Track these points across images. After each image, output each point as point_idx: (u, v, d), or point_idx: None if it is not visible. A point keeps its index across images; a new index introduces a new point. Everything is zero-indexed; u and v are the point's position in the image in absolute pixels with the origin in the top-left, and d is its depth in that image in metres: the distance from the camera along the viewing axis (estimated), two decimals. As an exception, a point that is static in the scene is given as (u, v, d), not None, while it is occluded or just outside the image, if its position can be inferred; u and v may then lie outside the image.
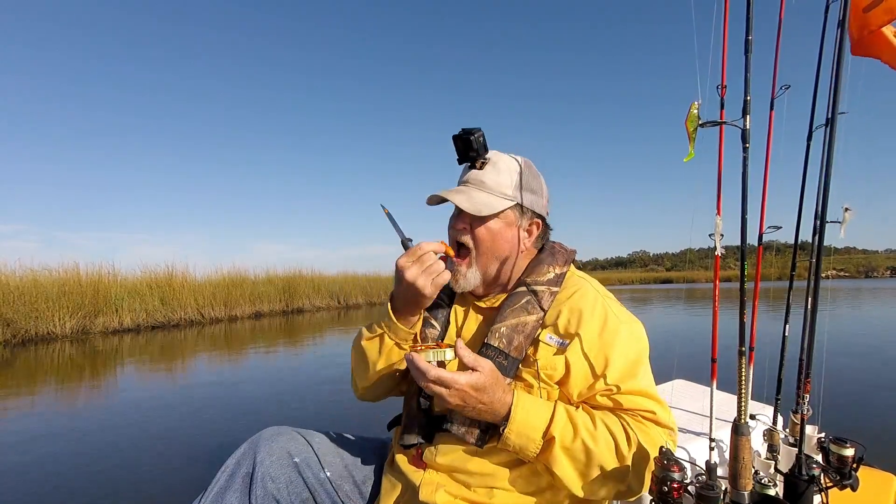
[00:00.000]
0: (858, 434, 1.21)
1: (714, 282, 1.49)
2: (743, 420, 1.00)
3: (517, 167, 1.01)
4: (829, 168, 1.12)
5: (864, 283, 27.32)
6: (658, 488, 0.84)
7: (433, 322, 1.05)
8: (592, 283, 1.01)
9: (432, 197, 1.02)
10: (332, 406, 4.17)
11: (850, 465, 1.17)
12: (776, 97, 1.67)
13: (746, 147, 1.08)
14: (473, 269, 0.99)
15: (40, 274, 10.02)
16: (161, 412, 4.11)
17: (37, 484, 2.63)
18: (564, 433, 0.83)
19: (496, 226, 0.98)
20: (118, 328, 10.33)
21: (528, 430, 0.82)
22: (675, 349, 6.45)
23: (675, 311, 13.11)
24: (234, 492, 0.93)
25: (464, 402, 0.80)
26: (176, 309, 11.67)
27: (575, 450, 0.82)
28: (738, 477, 0.95)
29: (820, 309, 1.19)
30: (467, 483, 0.91)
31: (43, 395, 4.92)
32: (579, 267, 1.09)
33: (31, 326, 8.92)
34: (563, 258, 1.03)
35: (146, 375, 5.91)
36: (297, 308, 15.27)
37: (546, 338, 0.92)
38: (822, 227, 1.20)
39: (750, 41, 1.11)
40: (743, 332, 1.01)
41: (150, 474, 2.77)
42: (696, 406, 1.71)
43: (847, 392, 4.05)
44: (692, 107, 1.25)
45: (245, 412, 4.06)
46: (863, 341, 6.98)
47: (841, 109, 1.28)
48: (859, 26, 1.39)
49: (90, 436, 3.51)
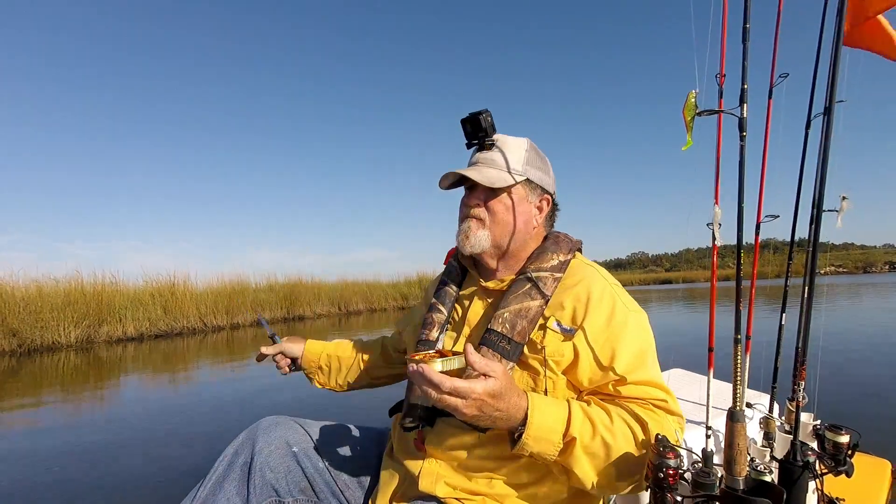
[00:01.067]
0: (853, 421, 1.22)
1: (712, 271, 1.50)
2: (738, 407, 1.01)
3: (525, 144, 1.03)
4: (827, 156, 1.12)
5: (862, 279, 27.26)
6: (654, 475, 0.84)
7: (440, 307, 1.06)
8: (600, 270, 1.01)
9: (445, 178, 1.03)
10: (330, 396, 4.20)
11: (845, 452, 1.18)
12: (775, 86, 1.67)
13: (744, 135, 1.08)
14: (485, 232, 1.00)
15: (45, 283, 10.00)
16: (164, 418, 4.13)
17: (42, 485, 2.66)
18: (583, 431, 0.80)
19: (508, 200, 1.00)
20: (122, 337, 10.35)
21: (546, 432, 0.79)
22: (674, 339, 6.47)
23: (673, 309, 13.14)
24: (232, 481, 0.93)
25: (480, 412, 0.74)
26: (178, 318, 11.64)
27: (595, 447, 0.80)
28: (733, 463, 0.96)
29: (816, 305, 1.19)
30: (467, 471, 0.91)
31: (49, 403, 4.93)
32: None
33: (36, 336, 8.90)
34: (568, 247, 1.03)
35: (150, 383, 5.91)
36: (299, 315, 15.25)
37: (553, 325, 0.91)
38: (819, 216, 1.20)
39: (747, 29, 1.11)
40: (739, 321, 1.02)
41: (150, 470, 2.79)
42: (693, 395, 1.72)
43: (843, 380, 4.08)
44: (689, 95, 1.25)
45: (250, 413, 4.08)
46: (860, 330, 7.02)
47: (840, 98, 1.28)
48: (855, 15, 1.39)
49: (93, 438, 3.54)
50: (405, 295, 19.83)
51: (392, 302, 19.29)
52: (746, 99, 1.08)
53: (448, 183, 1.05)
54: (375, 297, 18.81)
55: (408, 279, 20.85)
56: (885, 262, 44.95)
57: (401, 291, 19.91)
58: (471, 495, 0.90)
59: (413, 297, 19.71)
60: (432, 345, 1.02)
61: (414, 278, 20.90)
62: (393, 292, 19.67)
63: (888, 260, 45.83)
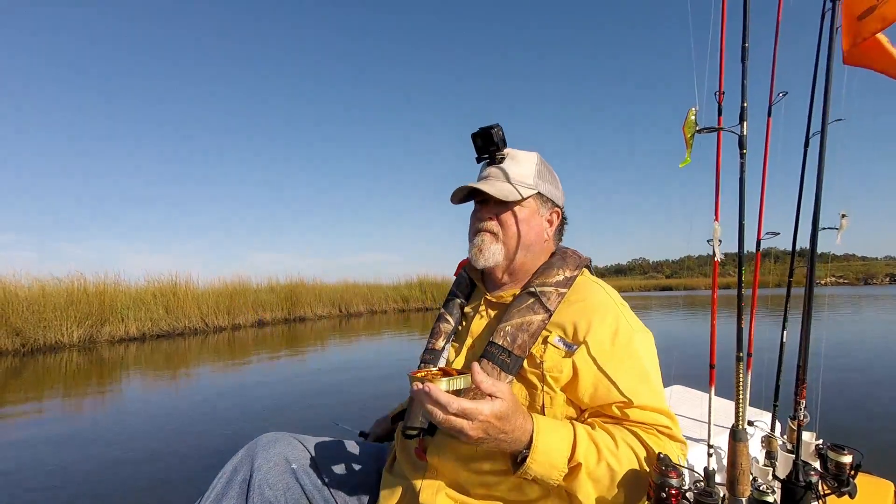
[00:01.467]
0: (856, 441, 1.21)
1: (713, 288, 1.49)
2: (741, 426, 1.00)
3: (535, 158, 1.05)
4: (821, 177, 1.13)
5: (863, 290, 27.29)
6: (656, 495, 0.83)
7: (448, 317, 1.08)
8: (606, 288, 1.00)
9: (457, 193, 1.04)
10: (331, 411, 4.16)
11: (847, 472, 1.17)
12: (774, 104, 1.68)
13: (743, 153, 1.09)
14: (499, 245, 1.01)
15: (48, 283, 10.12)
16: (165, 420, 4.13)
17: (40, 490, 2.63)
18: (588, 457, 0.78)
19: (521, 213, 1.01)
20: (124, 337, 10.44)
21: (552, 457, 0.77)
22: (674, 355, 6.44)
23: (674, 318, 13.11)
24: (230, 498, 0.93)
25: (486, 434, 0.72)
26: (180, 318, 11.74)
27: (599, 473, 0.79)
28: (736, 483, 0.95)
29: (818, 316, 1.19)
30: (469, 484, 0.90)
31: (52, 402, 4.94)
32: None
33: (39, 336, 9.01)
34: (575, 263, 1.03)
35: (151, 384, 5.92)
36: (299, 316, 15.32)
37: (555, 340, 0.91)
38: (815, 235, 1.21)
39: (746, 48, 1.12)
40: (741, 338, 1.02)
41: (150, 479, 2.76)
42: (695, 412, 1.71)
43: (845, 398, 4.05)
44: (689, 112, 1.26)
45: (250, 418, 4.05)
46: (861, 346, 6.98)
47: (838, 116, 1.29)
48: (853, 34, 1.40)
49: (93, 443, 3.51)
50: (406, 297, 19.88)
51: (392, 304, 19.35)
52: (746, 117, 1.09)
53: (460, 196, 1.06)
54: (376, 299, 18.88)
55: (409, 282, 20.92)
56: (885, 275, 45.00)
57: (401, 294, 19.95)
58: None
59: (413, 300, 19.82)
60: (437, 354, 1.03)
61: (415, 281, 20.95)
62: (394, 294, 19.73)
63: (889, 272, 45.86)
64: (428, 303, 20.08)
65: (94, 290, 10.44)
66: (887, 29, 1.49)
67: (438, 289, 20.68)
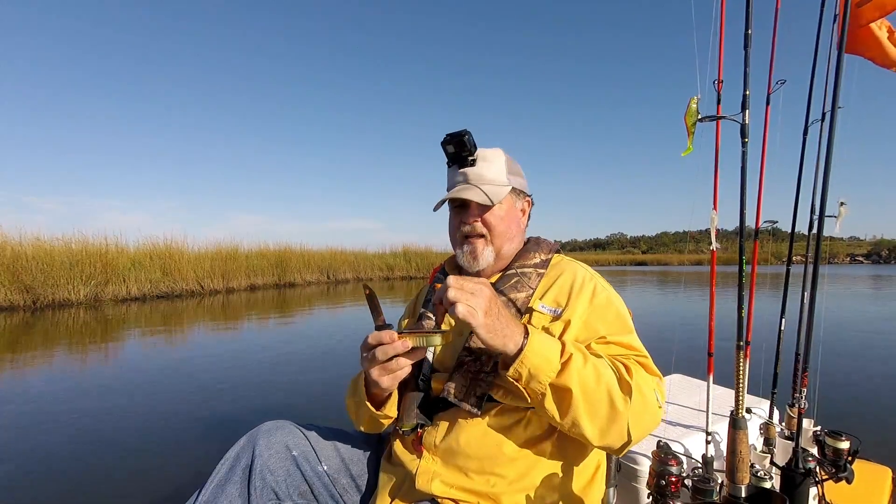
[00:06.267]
0: (853, 427, 1.22)
1: (711, 279, 1.49)
2: (739, 414, 1.00)
3: (502, 154, 1.09)
4: (829, 162, 1.13)
5: (826, 270, 27.70)
6: (656, 482, 0.84)
7: (429, 314, 1.08)
8: (579, 263, 1.10)
9: (451, 201, 1.09)
10: (328, 397, 4.18)
11: (845, 458, 1.18)
12: (772, 92, 1.68)
13: (745, 142, 1.08)
14: (490, 249, 1.07)
15: (54, 244, 10.76)
16: (171, 380, 4.27)
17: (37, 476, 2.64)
18: (577, 356, 0.82)
19: (501, 211, 1.07)
20: (126, 297, 11.07)
21: (546, 349, 0.81)
22: (671, 343, 6.48)
23: (648, 293, 13.24)
24: (233, 484, 0.94)
25: (490, 306, 0.78)
26: (178, 280, 12.47)
27: (587, 374, 0.81)
28: (735, 470, 0.96)
29: (794, 298, 1.19)
30: (463, 470, 0.92)
31: (67, 357, 5.17)
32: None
33: (48, 293, 9.68)
34: (549, 247, 1.13)
35: (155, 341, 6.22)
36: (289, 282, 16.08)
37: (539, 306, 0.98)
38: (822, 222, 1.20)
39: (749, 35, 1.11)
40: (741, 328, 1.02)
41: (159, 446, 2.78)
42: (693, 401, 1.72)
43: (842, 386, 4.07)
44: (691, 101, 1.25)
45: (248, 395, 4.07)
46: (855, 327, 7.02)
47: (837, 104, 1.28)
48: (851, 22, 1.40)
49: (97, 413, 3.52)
50: (391, 266, 20.87)
51: (378, 272, 20.28)
52: (748, 105, 1.09)
53: (440, 206, 1.10)
54: (363, 266, 19.77)
55: (393, 250, 21.99)
56: (846, 255, 46.07)
57: (387, 262, 20.97)
58: (467, 494, 0.90)
59: (398, 269, 20.75)
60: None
61: (399, 250, 21.99)
62: (380, 263, 20.70)
63: (849, 252, 46.86)
64: (412, 272, 20.99)
65: (94, 250, 11.06)
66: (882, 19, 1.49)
67: (423, 258, 21.65)
